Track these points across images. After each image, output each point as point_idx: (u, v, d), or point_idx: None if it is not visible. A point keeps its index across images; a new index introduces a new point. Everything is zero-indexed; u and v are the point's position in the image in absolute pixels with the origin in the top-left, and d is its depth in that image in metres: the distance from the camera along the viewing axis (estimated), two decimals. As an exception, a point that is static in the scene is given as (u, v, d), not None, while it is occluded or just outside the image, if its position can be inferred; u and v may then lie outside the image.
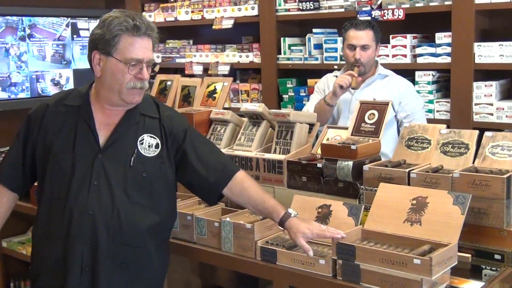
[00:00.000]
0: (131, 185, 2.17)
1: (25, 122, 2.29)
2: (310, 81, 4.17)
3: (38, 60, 4.71)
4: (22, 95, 4.60)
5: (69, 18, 4.87)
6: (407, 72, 3.80)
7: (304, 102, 4.17)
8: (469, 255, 2.14)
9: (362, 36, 3.41)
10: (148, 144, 2.23)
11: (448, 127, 3.24)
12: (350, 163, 2.41)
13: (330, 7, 3.99)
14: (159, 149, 2.24)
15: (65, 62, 4.87)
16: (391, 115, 3.39)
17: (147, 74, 2.15)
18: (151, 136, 2.24)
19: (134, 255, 2.19)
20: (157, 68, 2.23)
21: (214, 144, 2.48)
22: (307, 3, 4.06)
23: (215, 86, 3.26)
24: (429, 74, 3.64)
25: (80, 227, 2.13)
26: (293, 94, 4.24)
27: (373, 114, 2.63)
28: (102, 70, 2.17)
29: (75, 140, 2.19)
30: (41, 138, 2.23)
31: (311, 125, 2.81)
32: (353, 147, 2.41)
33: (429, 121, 3.53)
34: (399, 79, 3.53)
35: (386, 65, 3.78)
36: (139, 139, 2.22)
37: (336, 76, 3.54)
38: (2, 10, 4.45)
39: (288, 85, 4.26)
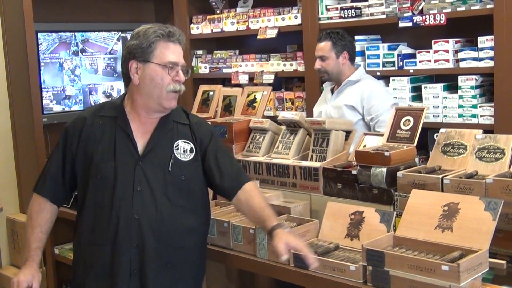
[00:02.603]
0: (171, 188, 2.27)
1: (63, 135, 2.39)
2: (353, 88, 4.17)
3: (90, 74, 4.89)
4: (75, 107, 4.78)
5: (120, 32, 5.03)
6: (450, 77, 3.77)
7: (347, 109, 4.18)
8: (504, 262, 2.11)
9: (320, 48, 3.84)
10: (183, 149, 2.33)
11: (492, 132, 3.23)
12: (384, 169, 2.41)
13: (371, 14, 3.98)
14: (193, 153, 2.35)
15: (116, 74, 5.03)
16: (357, 118, 3.69)
17: (183, 76, 2.29)
18: (185, 142, 2.35)
19: (177, 255, 2.30)
20: (188, 74, 2.36)
21: (232, 155, 2.59)
22: (349, 10, 4.07)
23: (255, 96, 3.33)
24: (472, 79, 3.58)
25: (127, 231, 2.23)
26: (336, 101, 4.24)
27: (409, 120, 2.63)
28: (141, 77, 2.28)
29: (115, 149, 2.29)
30: (81, 150, 2.33)
31: (348, 132, 2.83)
32: (386, 153, 2.42)
33: (473, 126, 3.48)
34: (366, 83, 3.78)
35: (428, 70, 3.77)
36: (174, 145, 2.33)
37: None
38: (56, 27, 4.64)
39: (331, 93, 4.28)
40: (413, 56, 3.86)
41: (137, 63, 2.28)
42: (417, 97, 3.87)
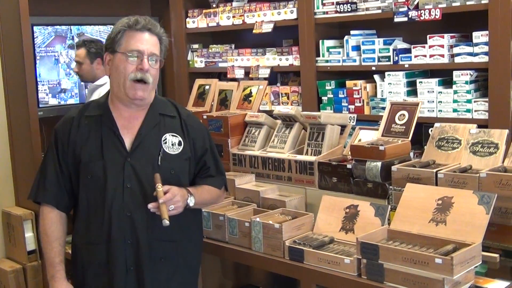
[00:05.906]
0: (161, 183, 2.24)
1: (54, 137, 2.37)
2: (348, 83, 4.18)
3: (86, 67, 4.87)
4: (71, 101, 4.77)
5: (116, 26, 5.02)
6: (445, 72, 3.78)
7: (343, 104, 4.20)
8: (497, 255, 2.13)
9: (77, 54, 4.24)
10: (172, 143, 2.33)
11: (486, 126, 3.24)
12: (379, 163, 2.43)
13: (367, 9, 3.99)
14: (182, 146, 2.35)
15: (112, 68, 5.01)
16: None
17: (147, 65, 2.24)
18: (173, 135, 2.35)
19: (171, 250, 2.30)
20: (158, 64, 2.34)
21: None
22: (345, 5, 4.07)
23: (250, 90, 3.34)
24: (467, 74, 3.59)
25: (121, 229, 2.24)
26: (332, 96, 4.25)
27: (403, 115, 2.65)
28: (111, 68, 2.30)
29: (102, 147, 2.28)
30: (71, 151, 2.32)
31: (343, 127, 2.84)
32: (381, 148, 2.44)
33: (467, 121, 3.50)
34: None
35: (423, 65, 3.78)
36: (162, 138, 2.32)
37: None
38: (52, 20, 4.64)
39: (327, 87, 4.28)
40: (408, 51, 3.87)
41: (108, 54, 2.31)
42: (412, 92, 3.88)
